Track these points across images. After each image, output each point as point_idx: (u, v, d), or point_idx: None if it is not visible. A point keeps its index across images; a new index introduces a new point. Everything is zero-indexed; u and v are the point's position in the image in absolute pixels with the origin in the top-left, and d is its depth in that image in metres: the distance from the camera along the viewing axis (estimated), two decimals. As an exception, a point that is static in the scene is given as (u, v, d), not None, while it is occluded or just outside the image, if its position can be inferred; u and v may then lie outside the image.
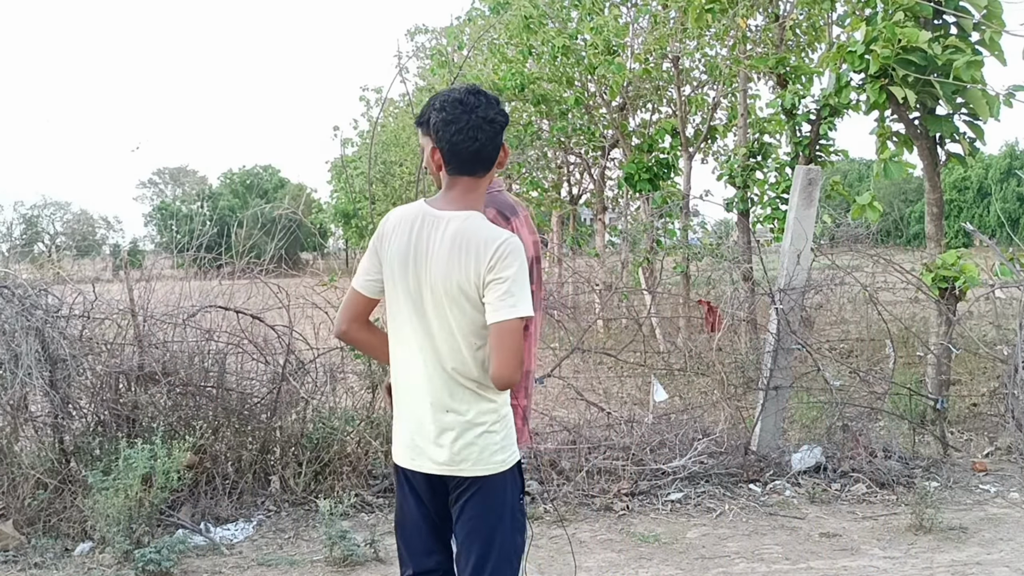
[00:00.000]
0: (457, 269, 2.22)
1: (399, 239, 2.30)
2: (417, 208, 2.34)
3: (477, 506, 2.32)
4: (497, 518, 2.34)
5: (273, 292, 5.54)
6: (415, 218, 2.31)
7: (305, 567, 4.26)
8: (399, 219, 2.34)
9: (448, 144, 2.27)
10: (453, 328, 2.26)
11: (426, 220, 2.29)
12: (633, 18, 11.26)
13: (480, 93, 2.30)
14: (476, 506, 2.32)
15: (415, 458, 2.34)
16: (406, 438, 2.36)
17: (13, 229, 20.03)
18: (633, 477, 5.24)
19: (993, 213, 36.59)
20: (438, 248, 2.25)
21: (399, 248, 2.29)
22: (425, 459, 2.32)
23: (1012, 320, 6.59)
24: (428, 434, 2.30)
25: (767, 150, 9.29)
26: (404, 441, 2.36)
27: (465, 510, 2.33)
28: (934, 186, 6.66)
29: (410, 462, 2.36)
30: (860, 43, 6.22)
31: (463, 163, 2.28)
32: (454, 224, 2.26)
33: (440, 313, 2.26)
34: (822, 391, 5.92)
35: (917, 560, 4.27)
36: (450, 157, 2.28)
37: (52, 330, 4.67)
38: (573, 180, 15.83)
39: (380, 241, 2.35)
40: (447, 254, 2.23)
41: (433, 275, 2.24)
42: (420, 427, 2.32)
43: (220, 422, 5.01)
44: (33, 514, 4.49)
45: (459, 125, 2.25)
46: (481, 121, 2.26)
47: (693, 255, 10.39)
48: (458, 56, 11.91)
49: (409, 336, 2.31)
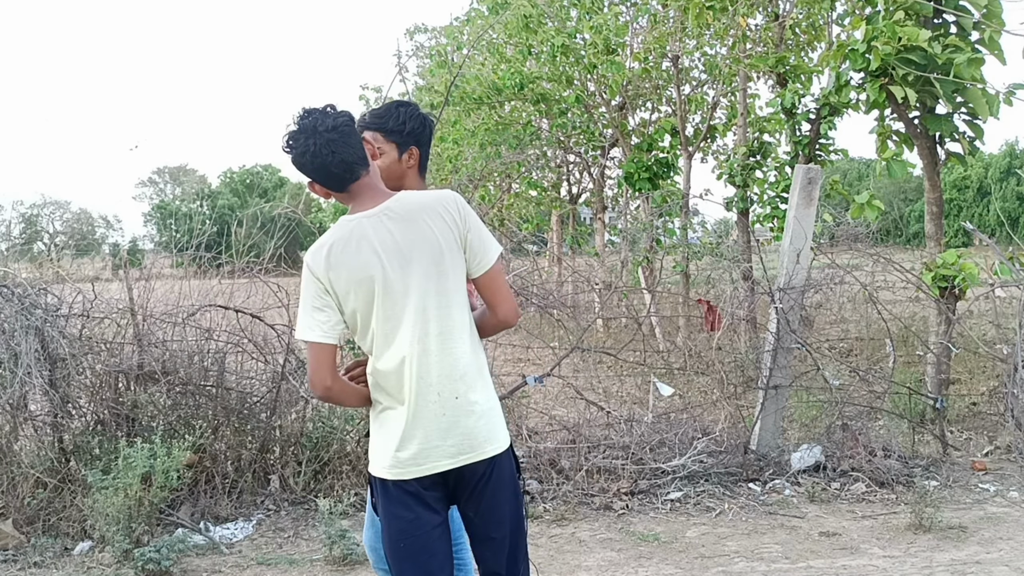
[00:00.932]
0: (432, 239, 2.25)
1: (351, 257, 2.22)
2: (347, 223, 2.28)
3: (495, 487, 2.32)
4: (512, 495, 2.36)
5: (273, 291, 5.54)
6: (352, 232, 2.25)
7: (305, 566, 4.26)
8: (335, 243, 2.25)
9: (316, 171, 2.27)
10: (452, 302, 2.26)
11: (365, 226, 2.25)
12: (633, 17, 11.26)
13: (312, 111, 2.28)
14: (494, 487, 2.32)
15: (423, 462, 2.26)
16: (410, 446, 2.26)
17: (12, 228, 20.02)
18: (633, 476, 5.24)
19: (993, 212, 36.60)
20: (401, 234, 2.24)
21: (361, 265, 2.22)
22: (439, 456, 2.26)
23: (1012, 319, 6.59)
24: (439, 429, 2.25)
25: (767, 149, 9.29)
26: (407, 450, 2.26)
27: (485, 495, 2.31)
28: (934, 185, 6.66)
29: (418, 469, 2.26)
30: (861, 42, 6.23)
31: (339, 176, 2.28)
32: (395, 209, 2.27)
33: (434, 294, 2.25)
34: (822, 390, 5.92)
35: (916, 559, 4.27)
36: (326, 180, 2.29)
37: (52, 329, 4.67)
38: (573, 179, 15.84)
39: (325, 282, 2.23)
40: (416, 230, 2.25)
41: (414, 261, 2.24)
42: (427, 427, 2.26)
43: (220, 421, 5.01)
44: (33, 513, 4.49)
45: (311, 152, 2.24)
46: (328, 135, 2.24)
47: (693, 254, 10.39)
48: (457, 56, 11.90)
49: (405, 339, 2.24)
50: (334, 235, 2.27)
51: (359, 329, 2.28)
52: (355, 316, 2.26)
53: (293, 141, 2.26)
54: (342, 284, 2.23)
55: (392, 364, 2.26)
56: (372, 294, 2.23)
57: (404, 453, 2.26)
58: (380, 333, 2.26)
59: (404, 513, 2.28)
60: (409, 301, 2.24)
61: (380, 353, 2.27)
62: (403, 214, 2.27)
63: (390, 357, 2.26)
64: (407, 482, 2.27)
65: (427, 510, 2.29)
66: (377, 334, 2.26)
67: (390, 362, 2.27)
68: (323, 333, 2.24)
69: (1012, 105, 6.01)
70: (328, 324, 2.24)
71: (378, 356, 2.28)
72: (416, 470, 2.26)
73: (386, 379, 2.28)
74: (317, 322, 2.24)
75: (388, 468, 2.28)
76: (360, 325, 2.27)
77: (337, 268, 2.22)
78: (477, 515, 2.33)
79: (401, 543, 2.30)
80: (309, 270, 2.24)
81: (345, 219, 2.30)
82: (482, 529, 2.35)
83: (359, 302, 2.24)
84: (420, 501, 2.28)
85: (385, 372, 2.28)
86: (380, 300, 2.23)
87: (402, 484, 2.27)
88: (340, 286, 2.23)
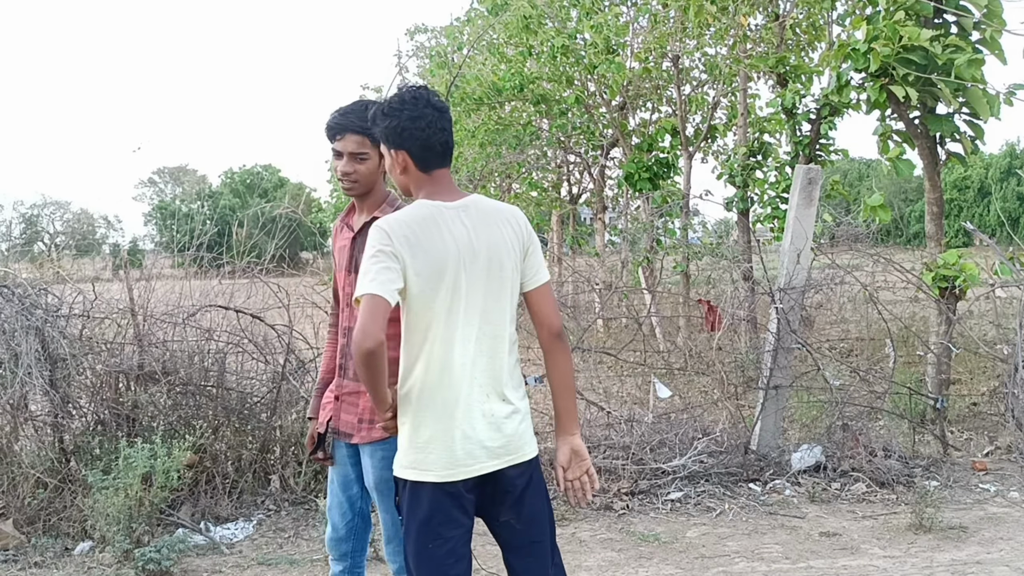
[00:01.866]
0: (502, 244, 2.26)
1: (431, 240, 2.18)
2: (427, 207, 2.24)
3: (535, 490, 2.33)
4: (547, 498, 2.38)
5: (273, 291, 5.54)
6: (432, 216, 2.21)
7: (305, 566, 4.26)
8: (415, 221, 2.19)
9: (421, 142, 2.25)
10: (505, 307, 2.28)
11: (444, 214, 2.23)
12: (633, 17, 11.26)
13: (423, 88, 2.29)
14: (534, 491, 2.33)
15: (471, 463, 2.21)
16: (456, 447, 2.20)
17: (13, 228, 20.01)
18: (633, 476, 5.24)
19: (993, 212, 36.60)
20: (480, 232, 2.24)
21: (437, 249, 2.18)
22: (486, 458, 2.23)
23: (1012, 319, 6.59)
24: (486, 430, 2.22)
25: (767, 149, 9.30)
26: (452, 451, 2.20)
27: (526, 499, 2.31)
28: (934, 185, 6.66)
29: (466, 470, 2.21)
30: (862, 42, 6.23)
31: (438, 155, 2.28)
32: (473, 207, 2.28)
33: (493, 296, 2.26)
34: (822, 390, 5.92)
35: (917, 559, 4.27)
36: (423, 153, 2.26)
37: (52, 329, 4.67)
38: (573, 179, 15.83)
39: (398, 253, 2.15)
40: (493, 233, 2.26)
41: (482, 260, 2.23)
42: (475, 427, 2.22)
43: (220, 421, 5.01)
44: (33, 513, 4.49)
45: (426, 121, 2.24)
46: (443, 112, 2.27)
47: (693, 254, 10.39)
48: (457, 56, 11.90)
49: (457, 334, 2.21)
50: (413, 214, 2.22)
51: (415, 313, 2.20)
52: (416, 299, 2.19)
53: (406, 106, 2.23)
54: (416, 262, 2.17)
55: (444, 359, 2.21)
56: (439, 282, 2.19)
57: (448, 454, 2.20)
58: (438, 324, 2.20)
59: (436, 516, 2.22)
60: (472, 298, 2.23)
61: (433, 346, 2.21)
62: (480, 215, 2.27)
63: (443, 351, 2.21)
64: (454, 484, 2.21)
65: (463, 514, 2.25)
66: (434, 324, 2.20)
67: (443, 356, 2.21)
68: (383, 288, 2.10)
69: (1012, 105, 6.02)
70: (391, 284, 2.12)
71: (430, 348, 2.21)
72: (464, 471, 2.21)
73: (437, 374, 2.21)
74: (380, 281, 2.11)
75: (431, 470, 2.20)
76: (418, 309, 2.20)
77: (414, 245, 2.17)
78: (520, 520, 2.31)
79: (430, 545, 2.23)
80: (387, 236, 2.16)
81: (424, 202, 2.26)
82: (525, 536, 2.32)
83: (425, 285, 2.18)
84: (458, 504, 2.24)
85: (436, 366, 2.21)
86: (446, 290, 2.20)
87: (444, 486, 2.21)
88: (412, 262, 2.16)
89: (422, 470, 2.22)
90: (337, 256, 2.82)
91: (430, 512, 2.22)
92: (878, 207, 6.81)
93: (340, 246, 2.80)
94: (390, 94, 2.37)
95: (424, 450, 2.22)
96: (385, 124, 2.27)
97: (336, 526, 2.86)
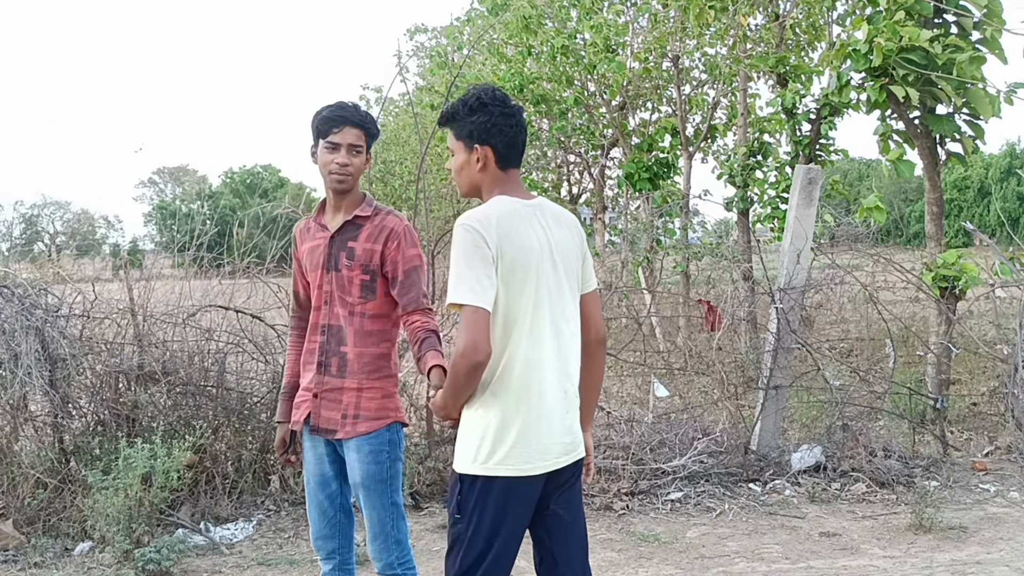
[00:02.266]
0: (570, 246, 2.34)
1: (520, 235, 2.20)
2: (510, 202, 2.26)
3: (577, 485, 2.38)
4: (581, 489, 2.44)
5: (273, 292, 5.54)
6: (517, 212, 2.25)
7: (305, 567, 4.26)
8: (503, 217, 2.20)
9: (508, 139, 2.30)
10: (577, 306, 2.36)
11: (525, 212, 2.27)
12: (633, 17, 11.26)
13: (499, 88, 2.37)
14: (577, 485, 2.38)
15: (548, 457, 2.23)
16: (534, 443, 2.21)
17: (13, 228, 20.04)
18: (633, 476, 5.24)
19: (993, 212, 36.60)
20: (554, 232, 2.30)
21: (526, 245, 2.20)
22: (559, 452, 2.26)
23: (1012, 319, 6.59)
24: (561, 426, 2.27)
25: (767, 149, 9.30)
26: (531, 447, 2.20)
27: (575, 491, 2.36)
28: (934, 185, 6.66)
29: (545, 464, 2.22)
30: (862, 42, 6.23)
31: (517, 155, 2.35)
32: (545, 207, 2.35)
33: (569, 294, 2.32)
34: (822, 390, 5.92)
35: (917, 559, 4.27)
36: (508, 150, 2.31)
37: (52, 329, 4.66)
38: (573, 179, 15.82)
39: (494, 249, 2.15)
40: (563, 235, 2.33)
41: (559, 259, 2.29)
42: (552, 422, 2.24)
43: (220, 422, 5.01)
44: (33, 513, 4.49)
45: (516, 119, 2.32)
46: (521, 112, 2.36)
47: (693, 254, 10.39)
48: (458, 56, 11.90)
49: (544, 330, 2.23)
50: (496, 209, 2.23)
51: (502, 308, 2.19)
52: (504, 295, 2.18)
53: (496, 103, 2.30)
54: (506, 258, 2.17)
55: (529, 355, 2.21)
56: (527, 278, 2.20)
57: (529, 448, 2.20)
58: (524, 319, 2.20)
59: (509, 512, 2.20)
60: (553, 296, 2.26)
61: (519, 341, 2.20)
62: (552, 216, 2.34)
63: (528, 347, 2.21)
64: (531, 478, 2.21)
65: (527, 509, 2.26)
66: (520, 319, 2.20)
67: (528, 352, 2.21)
68: (484, 299, 2.11)
69: (1013, 104, 6.02)
70: (490, 291, 2.13)
71: (516, 344, 2.20)
72: (542, 466, 2.23)
73: (522, 369, 2.20)
74: (483, 286, 2.11)
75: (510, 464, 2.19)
76: (506, 304, 2.19)
77: (504, 240, 2.17)
78: (568, 511, 2.34)
79: (499, 543, 2.20)
80: (478, 234, 2.14)
81: (504, 198, 2.28)
82: (570, 525, 2.36)
83: (514, 281, 2.18)
84: (530, 501, 2.25)
85: (521, 361, 2.20)
86: (532, 286, 2.22)
87: (521, 481, 2.20)
88: (503, 259, 2.17)
89: (500, 464, 2.19)
90: (307, 257, 2.81)
91: (503, 510, 2.20)
92: (873, 208, 6.82)
93: (312, 246, 2.81)
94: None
95: (504, 444, 2.19)
96: (473, 119, 2.29)
97: (318, 525, 2.86)
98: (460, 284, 2.11)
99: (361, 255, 2.71)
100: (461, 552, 2.22)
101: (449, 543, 2.28)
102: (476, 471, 2.21)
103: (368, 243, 2.71)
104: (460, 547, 2.23)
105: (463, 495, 2.22)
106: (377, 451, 2.69)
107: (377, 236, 2.72)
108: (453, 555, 2.25)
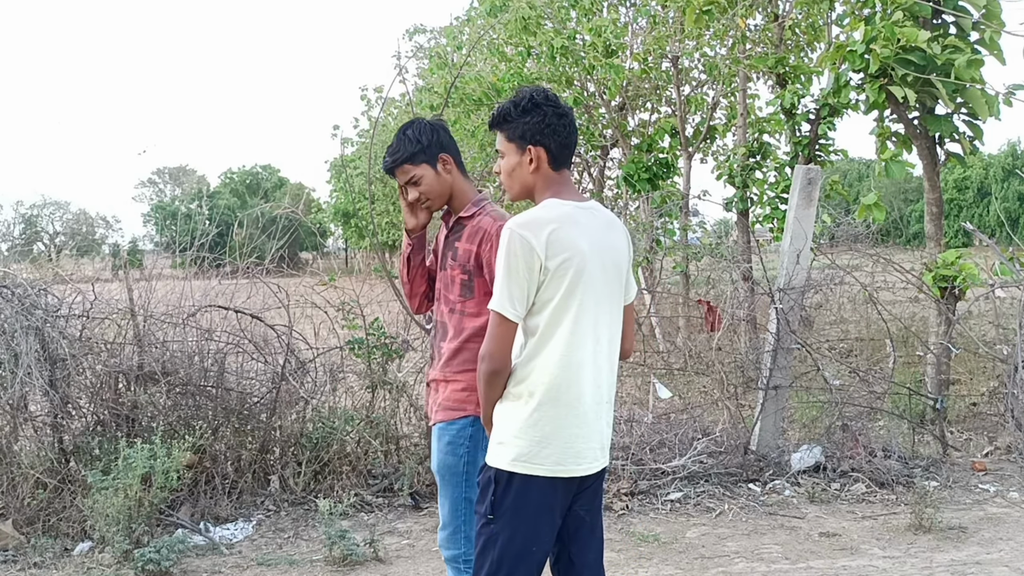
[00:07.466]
0: (620, 251, 2.34)
1: (571, 239, 2.19)
2: (563, 206, 2.26)
3: (600, 489, 2.40)
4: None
5: (273, 292, 5.54)
6: (570, 215, 2.23)
7: (305, 567, 4.26)
8: (556, 221, 2.20)
9: (562, 139, 2.31)
10: (621, 311, 2.36)
11: (579, 216, 2.26)
12: (632, 18, 11.26)
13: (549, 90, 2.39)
14: (599, 489, 2.40)
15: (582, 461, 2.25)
16: (573, 444, 2.22)
17: (13, 229, 20.03)
18: (633, 477, 5.24)
19: (993, 212, 36.63)
20: (606, 238, 2.30)
21: (578, 251, 2.19)
22: (595, 456, 2.29)
23: (1012, 319, 6.59)
24: (598, 430, 2.29)
25: (766, 150, 9.29)
26: (569, 448, 2.22)
27: (597, 497, 2.38)
28: (933, 186, 6.66)
29: (574, 468, 2.23)
30: (860, 42, 6.23)
31: (569, 155, 2.36)
32: (598, 210, 2.34)
33: (615, 299, 2.33)
34: (822, 391, 5.92)
35: (916, 560, 4.27)
36: (560, 151, 2.32)
37: (52, 330, 4.66)
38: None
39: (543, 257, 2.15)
40: (614, 241, 2.32)
41: (609, 263, 2.29)
42: (591, 426, 2.26)
43: (220, 422, 5.01)
44: (33, 514, 4.49)
45: (569, 119, 2.32)
46: (572, 113, 2.37)
47: (693, 255, 10.38)
48: (457, 56, 11.89)
49: (587, 335, 2.23)
50: (550, 214, 2.23)
51: (549, 310, 2.20)
52: (550, 301, 2.19)
53: (549, 103, 2.30)
54: (555, 261, 2.17)
55: (573, 357, 2.22)
56: (577, 281, 2.20)
57: (567, 449, 2.22)
58: (569, 322, 2.20)
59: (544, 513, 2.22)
60: (600, 300, 2.26)
61: (564, 342, 2.20)
62: (604, 219, 2.34)
63: (573, 349, 2.21)
64: (568, 480, 2.24)
65: (559, 512, 2.27)
66: (566, 321, 2.20)
67: (572, 354, 2.21)
68: (515, 311, 2.17)
69: (1012, 105, 6.02)
70: (524, 303, 2.18)
71: (562, 345, 2.20)
72: (578, 468, 2.25)
73: (566, 371, 2.21)
74: (515, 299, 2.16)
75: (544, 464, 2.20)
76: (552, 307, 2.20)
77: (554, 244, 2.17)
78: (590, 512, 2.36)
79: (534, 547, 2.22)
80: (525, 241, 2.15)
81: (557, 201, 2.28)
82: (591, 527, 2.37)
83: (563, 286, 2.19)
84: (563, 502, 2.26)
85: (565, 363, 2.21)
86: (581, 289, 2.21)
87: (557, 482, 2.21)
88: (556, 260, 2.17)
89: (537, 464, 2.20)
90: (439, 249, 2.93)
91: (540, 510, 2.21)
92: (872, 206, 6.81)
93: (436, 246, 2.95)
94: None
95: (543, 444, 2.20)
96: (526, 120, 2.29)
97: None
98: (500, 292, 2.19)
99: (461, 255, 2.76)
100: (495, 552, 2.21)
101: (480, 544, 2.24)
102: (516, 468, 2.20)
103: (467, 243, 2.76)
104: (492, 548, 2.21)
105: (497, 496, 2.21)
106: (455, 443, 2.71)
107: (473, 236, 2.76)
108: (485, 555, 2.22)
